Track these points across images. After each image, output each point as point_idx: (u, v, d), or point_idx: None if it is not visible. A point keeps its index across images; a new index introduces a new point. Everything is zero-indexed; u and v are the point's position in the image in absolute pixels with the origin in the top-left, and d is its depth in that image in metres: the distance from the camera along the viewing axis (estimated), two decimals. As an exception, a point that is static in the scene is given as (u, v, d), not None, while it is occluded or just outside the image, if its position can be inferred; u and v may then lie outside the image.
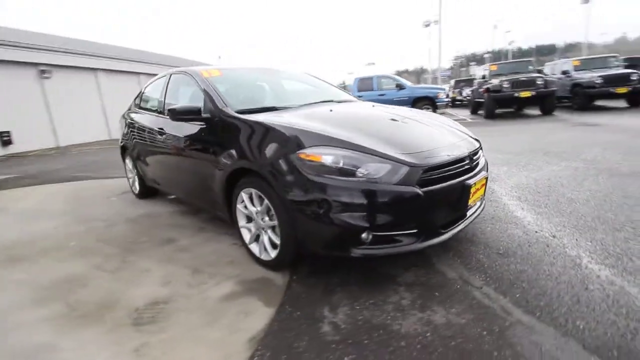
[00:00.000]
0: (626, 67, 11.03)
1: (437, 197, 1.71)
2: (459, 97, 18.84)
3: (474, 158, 2.00)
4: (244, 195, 2.09)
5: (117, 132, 5.84)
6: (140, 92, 3.81)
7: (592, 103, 10.56)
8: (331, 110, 2.38)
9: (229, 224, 2.49)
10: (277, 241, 1.93)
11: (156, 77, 3.56)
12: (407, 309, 1.61)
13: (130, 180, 4.13)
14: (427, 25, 26.27)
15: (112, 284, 2.07)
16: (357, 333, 1.47)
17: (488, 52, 45.08)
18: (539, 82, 10.07)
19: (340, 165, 1.67)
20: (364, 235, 1.65)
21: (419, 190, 1.64)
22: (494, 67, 11.77)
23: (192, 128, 2.51)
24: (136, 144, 3.57)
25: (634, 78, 9.65)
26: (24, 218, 3.57)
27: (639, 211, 2.49)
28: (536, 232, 2.32)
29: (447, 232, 1.82)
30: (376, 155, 1.69)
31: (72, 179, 5.66)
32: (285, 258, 1.93)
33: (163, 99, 3.10)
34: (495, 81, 10.75)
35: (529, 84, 10.02)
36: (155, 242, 2.66)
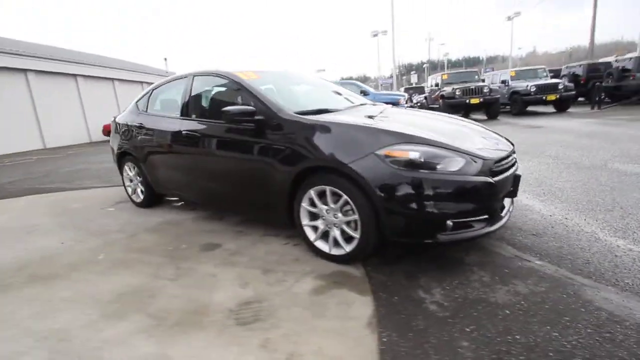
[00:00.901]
0: (552, 77, 12.89)
1: (501, 185, 1.98)
2: (409, 104, 20.25)
3: (514, 155, 2.33)
4: (312, 193, 2.16)
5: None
6: (145, 95, 3.60)
7: (526, 108, 12.14)
8: (381, 112, 2.56)
9: (265, 226, 2.54)
10: (356, 235, 2.03)
11: (167, 80, 3.42)
12: (492, 284, 1.84)
13: (130, 188, 3.85)
14: (375, 35, 27.74)
15: (184, 290, 1.99)
16: (462, 308, 1.65)
17: (425, 63, 48.82)
18: (486, 90, 11.32)
19: (425, 160, 1.85)
20: (449, 222, 1.85)
21: (492, 180, 1.89)
22: (446, 76, 12.94)
23: (238, 130, 2.50)
24: (146, 149, 3.37)
25: (560, 87, 11.33)
26: (14, 235, 3.16)
27: (619, 195, 3.05)
28: (550, 216, 2.73)
29: (505, 216, 2.10)
30: (455, 151, 1.90)
31: (41, 191, 5.06)
32: (364, 251, 2.05)
33: (186, 102, 3.00)
34: (447, 89, 11.85)
35: (478, 91, 11.22)
36: (199, 248, 2.58)
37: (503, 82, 13.03)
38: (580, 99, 13.62)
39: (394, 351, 1.41)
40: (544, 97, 11.34)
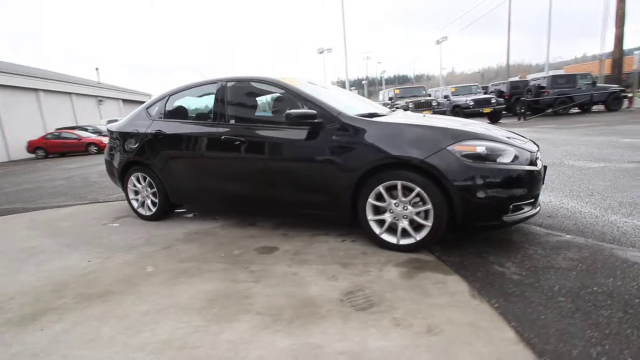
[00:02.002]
0: (484, 92, 14.81)
1: (540, 174, 2.36)
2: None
3: None
4: (381, 188, 2.32)
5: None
6: (158, 101, 3.41)
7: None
8: (424, 116, 2.83)
9: (309, 227, 2.63)
10: (427, 223, 2.23)
11: (188, 86, 3.29)
12: (547, 255, 2.16)
13: (136, 201, 3.56)
14: (320, 52, 28.85)
15: (274, 289, 1.98)
16: (539, 274, 1.94)
17: (364, 79, 52.06)
18: (434, 103, 12.59)
19: (489, 153, 2.15)
20: (511, 205, 2.15)
21: (537, 168, 2.26)
22: (398, 91, 14.07)
23: (298, 134, 2.56)
24: (166, 157, 3.20)
25: (493, 101, 13.06)
26: (15, 258, 2.74)
27: (589, 184, 3.71)
28: (549, 202, 3.24)
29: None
30: (509, 145, 2.23)
31: (4, 213, 4.34)
32: (434, 238, 2.25)
33: (222, 107, 2.95)
34: (401, 102, 12.88)
35: (428, 104, 12.41)
36: (255, 252, 2.54)
37: (445, 97, 14.59)
38: (503, 112, 15.82)
39: (511, 312, 1.62)
40: (480, 110, 12.96)
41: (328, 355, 1.43)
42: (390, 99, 14.16)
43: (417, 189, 2.22)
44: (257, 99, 2.98)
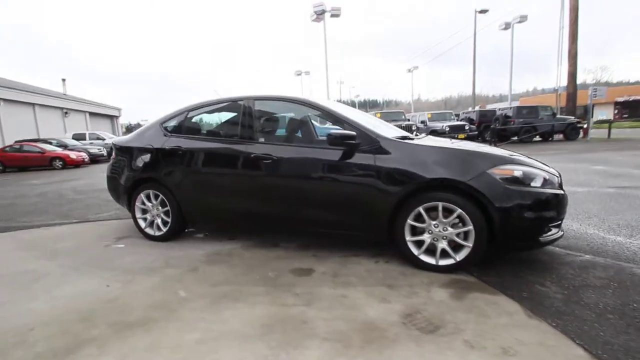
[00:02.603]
0: (458, 119, 15.74)
1: (566, 198, 2.52)
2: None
3: None
4: (421, 209, 2.37)
5: None
6: (175, 116, 3.30)
7: (442, 144, 14.46)
8: (452, 142, 2.94)
9: (337, 248, 2.63)
10: (467, 244, 2.30)
11: (209, 102, 3.22)
12: (579, 274, 2.29)
13: (143, 221, 3.35)
14: (298, 75, 29.46)
15: (329, 313, 1.93)
16: (579, 293, 2.04)
17: (339, 102, 53.45)
18: (414, 127, 13.16)
19: (524, 176, 2.28)
20: (546, 227, 2.28)
21: (564, 192, 2.42)
22: (379, 115, 14.57)
23: (331, 154, 2.58)
24: (185, 174, 3.07)
25: (467, 128, 13.90)
26: (18, 284, 2.46)
27: (583, 207, 4.00)
28: (575, 228, 3.45)
29: None
30: (540, 169, 2.38)
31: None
32: (474, 258, 2.31)
33: (250, 125, 2.91)
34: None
35: (409, 129, 12.94)
36: (292, 274, 2.47)
37: (422, 122, 15.34)
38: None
39: (570, 330, 1.69)
40: (455, 136, 13.70)
41: (417, 380, 1.40)
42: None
43: (459, 211, 2.30)
44: (289, 118, 2.98)
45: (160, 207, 3.28)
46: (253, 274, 2.49)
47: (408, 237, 2.45)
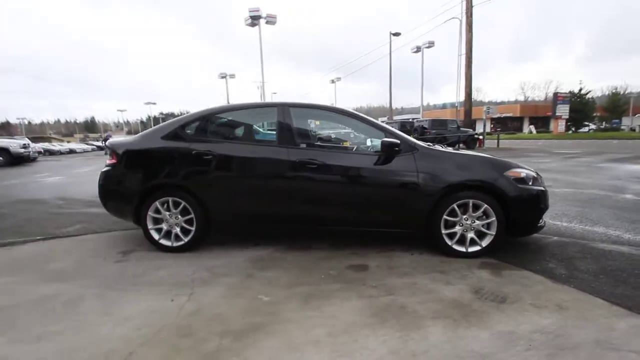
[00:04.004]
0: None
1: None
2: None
3: None
4: (455, 206, 2.83)
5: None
6: (195, 119, 3.12)
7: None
8: (458, 151, 3.48)
9: (371, 246, 2.99)
10: (491, 232, 2.83)
11: (233, 107, 3.16)
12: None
13: (156, 232, 3.07)
14: (222, 77, 28.43)
15: (417, 298, 2.20)
16: (571, 262, 2.74)
17: (260, 107, 53.01)
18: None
19: (526, 177, 2.93)
20: (542, 216, 2.96)
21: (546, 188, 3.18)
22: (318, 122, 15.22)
23: (371, 159, 2.88)
24: (218, 180, 2.97)
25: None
26: (50, 313, 2.07)
27: (564, 208, 5.05)
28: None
29: None
30: (533, 171, 3.07)
31: None
32: (496, 244, 2.86)
33: (288, 130, 2.98)
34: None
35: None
36: (351, 270, 2.66)
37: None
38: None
39: (585, 288, 2.29)
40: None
41: (526, 335, 1.79)
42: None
43: (485, 206, 2.83)
44: (329, 125, 3.14)
45: (180, 216, 3.06)
46: (315, 274, 2.60)
47: (443, 230, 2.88)
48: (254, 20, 17.96)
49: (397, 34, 25.39)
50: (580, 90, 32.60)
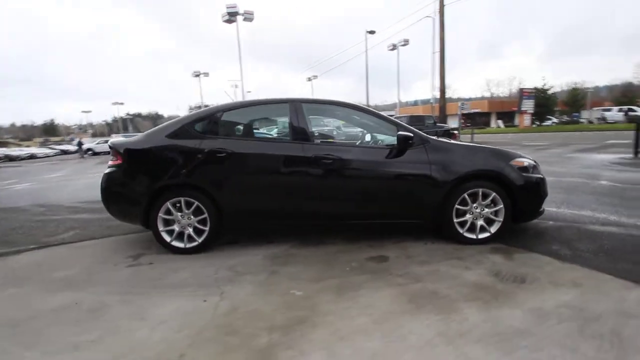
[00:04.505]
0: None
1: None
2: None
3: None
4: (466, 195, 2.95)
5: None
6: (209, 116, 3.06)
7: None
8: (464, 143, 3.61)
9: (384, 238, 3.10)
10: (499, 219, 2.98)
11: (243, 103, 3.13)
12: (560, 233, 3.23)
13: (168, 234, 2.98)
14: (197, 75, 27.68)
15: (443, 283, 2.29)
16: (570, 243, 2.94)
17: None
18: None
19: (528, 166, 3.11)
20: (543, 202, 3.15)
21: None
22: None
23: (384, 153, 2.96)
24: (234, 179, 2.94)
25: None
26: (75, 322, 1.98)
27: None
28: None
29: None
30: (534, 161, 3.25)
31: None
32: (503, 230, 3.01)
33: (303, 126, 2.99)
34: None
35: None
36: (372, 262, 2.72)
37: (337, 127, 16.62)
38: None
39: (591, 265, 2.48)
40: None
41: (553, 310, 1.92)
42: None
43: (493, 194, 2.97)
44: (336, 120, 3.16)
45: (192, 217, 2.99)
46: (338, 268, 2.63)
47: (455, 219, 3.00)
48: (232, 16, 17.61)
49: (372, 32, 25.86)
50: (544, 86, 34.65)
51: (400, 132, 2.88)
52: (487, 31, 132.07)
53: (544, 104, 33.95)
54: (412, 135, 2.93)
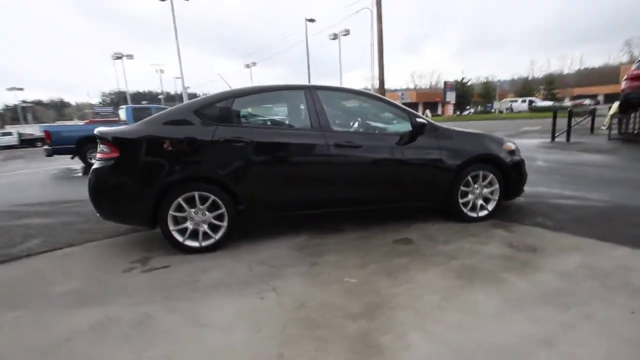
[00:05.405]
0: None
1: None
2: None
3: None
4: (469, 178, 3.23)
5: None
6: (220, 102, 2.79)
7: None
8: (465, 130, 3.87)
9: (396, 222, 3.30)
10: (495, 198, 3.33)
11: (255, 89, 2.91)
12: (536, 209, 3.74)
13: (182, 232, 2.71)
14: (118, 58, 24.67)
15: (473, 259, 2.51)
16: (551, 215, 3.43)
17: (161, 94, 47.81)
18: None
19: (514, 149, 3.51)
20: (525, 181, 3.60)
21: None
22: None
23: (396, 139, 3.08)
24: (257, 169, 2.78)
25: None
26: (128, 339, 1.70)
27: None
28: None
29: None
30: (515, 143, 3.67)
31: None
32: (497, 208, 3.38)
33: (324, 115, 2.92)
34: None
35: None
36: (401, 244, 2.84)
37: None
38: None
39: (580, 233, 2.94)
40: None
41: (574, 271, 2.25)
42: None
43: (491, 176, 3.31)
44: (362, 108, 3.15)
45: (207, 213, 2.76)
46: (373, 253, 2.69)
47: (460, 200, 3.27)
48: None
49: (311, 20, 25.82)
50: (463, 79, 38.71)
51: (417, 120, 3.02)
52: (410, 26, 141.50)
53: (463, 95, 37.93)
54: (426, 122, 3.09)
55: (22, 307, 2.04)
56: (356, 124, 3.36)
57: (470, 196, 3.33)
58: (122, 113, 11.14)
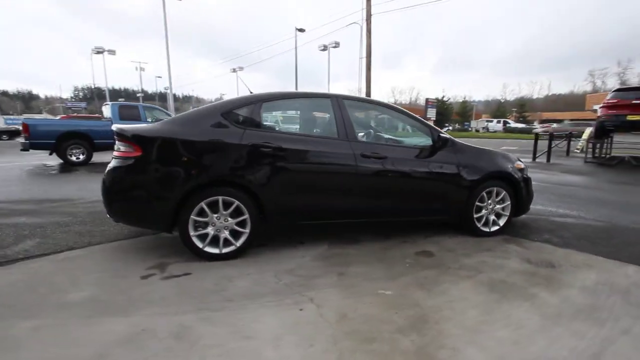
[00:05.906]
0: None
1: None
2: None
3: None
4: (484, 193, 3.32)
5: None
6: (247, 106, 2.72)
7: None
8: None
9: (413, 234, 3.36)
10: (506, 213, 3.44)
11: (281, 95, 2.86)
12: (540, 226, 3.89)
13: (202, 238, 2.59)
14: (99, 52, 23.74)
15: (499, 273, 2.56)
16: (556, 232, 3.58)
17: (139, 92, 46.25)
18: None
19: (524, 167, 3.65)
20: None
21: None
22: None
23: (418, 152, 3.13)
24: (285, 176, 2.72)
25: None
26: (163, 349, 1.56)
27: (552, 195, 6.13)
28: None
29: None
30: (523, 162, 3.82)
31: None
32: (509, 223, 3.48)
33: (347, 124, 2.91)
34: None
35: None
36: (423, 257, 2.85)
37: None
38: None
39: (584, 249, 3.08)
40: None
41: (594, 287, 2.34)
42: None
43: (504, 192, 3.41)
44: (388, 119, 3.16)
45: (230, 218, 2.65)
46: (397, 265, 2.68)
47: (475, 215, 3.35)
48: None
49: (301, 30, 26.06)
50: (443, 97, 40.25)
51: (441, 134, 3.08)
52: (392, 43, 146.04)
53: (443, 112, 39.35)
54: (449, 138, 3.15)
55: (36, 316, 1.85)
56: (378, 135, 3.39)
57: (484, 211, 3.41)
58: (106, 110, 10.64)
